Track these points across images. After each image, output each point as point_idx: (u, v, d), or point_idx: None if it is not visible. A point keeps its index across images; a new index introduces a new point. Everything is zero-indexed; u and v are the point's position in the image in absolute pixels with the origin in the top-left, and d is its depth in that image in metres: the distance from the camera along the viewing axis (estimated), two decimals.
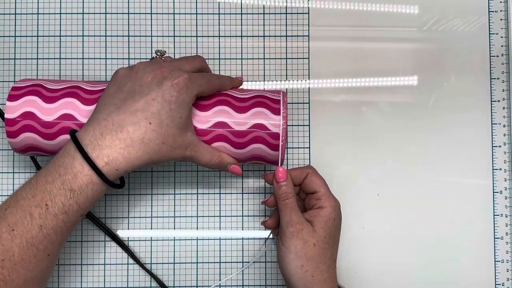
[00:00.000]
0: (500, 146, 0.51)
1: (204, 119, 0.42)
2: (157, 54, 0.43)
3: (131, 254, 0.49)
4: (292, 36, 0.51)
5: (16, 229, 0.35)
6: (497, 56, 0.51)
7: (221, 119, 0.42)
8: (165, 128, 0.38)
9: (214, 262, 0.50)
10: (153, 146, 0.38)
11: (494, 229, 0.51)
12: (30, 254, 0.36)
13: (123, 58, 0.51)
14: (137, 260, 0.49)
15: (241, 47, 0.51)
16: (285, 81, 0.51)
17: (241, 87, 0.47)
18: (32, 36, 0.51)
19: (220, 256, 0.50)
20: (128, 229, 0.50)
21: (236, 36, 0.51)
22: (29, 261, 0.36)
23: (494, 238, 0.51)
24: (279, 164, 0.43)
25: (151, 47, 0.51)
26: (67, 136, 0.41)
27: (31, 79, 0.44)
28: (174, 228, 0.51)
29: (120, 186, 0.39)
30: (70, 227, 0.37)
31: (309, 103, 0.51)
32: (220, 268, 0.50)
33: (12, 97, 0.41)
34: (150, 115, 0.37)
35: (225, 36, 0.51)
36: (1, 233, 0.35)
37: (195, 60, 0.43)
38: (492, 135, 0.51)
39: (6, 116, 0.41)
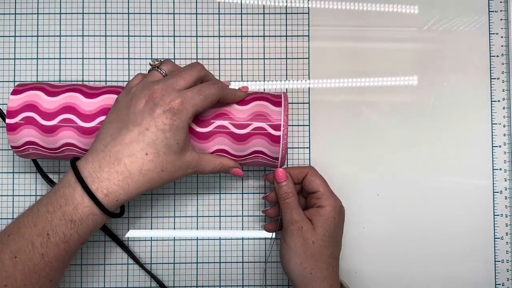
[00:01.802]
0: (500, 146, 0.51)
1: (205, 124, 0.42)
2: (153, 67, 0.41)
3: (131, 254, 0.49)
4: (292, 36, 0.51)
5: (18, 256, 0.36)
6: (497, 56, 0.51)
7: (221, 122, 0.42)
8: (162, 156, 0.38)
9: (214, 262, 0.50)
10: (152, 175, 0.38)
11: (494, 229, 0.51)
12: (32, 281, 0.36)
13: (123, 58, 0.51)
14: (136, 260, 0.49)
15: (241, 47, 0.51)
16: (285, 81, 0.51)
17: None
18: (32, 36, 0.51)
19: (220, 256, 0.50)
20: (128, 229, 0.50)
21: (236, 36, 0.51)
22: (32, 287, 0.36)
23: (494, 238, 0.51)
24: (279, 166, 0.44)
25: (151, 47, 0.51)
26: (68, 137, 0.42)
27: (29, 85, 0.44)
28: (174, 228, 0.51)
29: (120, 215, 0.40)
30: (72, 254, 0.38)
31: (309, 103, 0.51)
32: (220, 268, 0.50)
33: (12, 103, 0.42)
34: (145, 146, 0.37)
35: (225, 36, 0.51)
36: (4, 259, 0.36)
37: (192, 72, 0.40)
38: (492, 135, 0.51)
39: (8, 107, 0.42)
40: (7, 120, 0.42)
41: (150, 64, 0.41)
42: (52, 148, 0.43)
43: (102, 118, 0.42)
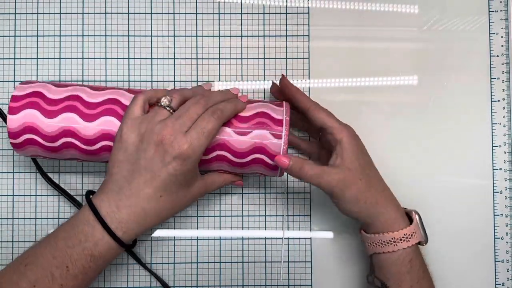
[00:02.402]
0: (500, 146, 0.51)
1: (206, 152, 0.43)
2: (162, 104, 0.41)
3: (133, 254, 0.49)
4: (292, 36, 0.51)
5: (37, 286, 0.38)
6: (497, 56, 0.51)
7: (221, 152, 0.43)
8: (175, 195, 0.41)
9: (214, 262, 0.50)
10: (166, 212, 0.42)
11: (494, 229, 0.51)
12: None
13: (123, 58, 0.51)
14: (139, 261, 0.49)
15: (241, 47, 0.51)
16: None
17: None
18: (32, 36, 0.51)
19: (220, 256, 0.50)
20: None
21: (236, 36, 0.51)
22: None
23: (494, 238, 0.51)
24: (279, 175, 0.44)
25: (151, 47, 0.51)
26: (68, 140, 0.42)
27: (31, 83, 0.43)
28: (175, 228, 0.50)
29: (133, 246, 0.44)
30: (89, 282, 0.41)
31: None
32: (220, 268, 0.50)
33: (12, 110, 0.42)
34: (159, 189, 0.40)
35: (225, 36, 0.51)
36: None
37: (198, 107, 0.41)
38: (492, 135, 0.51)
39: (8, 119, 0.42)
40: (11, 140, 0.42)
41: (160, 105, 0.41)
42: (57, 158, 0.44)
43: (105, 143, 0.42)
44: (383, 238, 0.42)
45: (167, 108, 0.41)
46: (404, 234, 0.42)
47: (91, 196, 0.41)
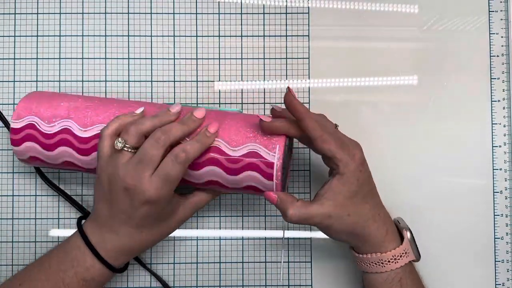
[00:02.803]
0: (500, 146, 0.51)
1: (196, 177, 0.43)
2: (118, 147, 0.39)
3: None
4: (292, 36, 0.51)
5: None
6: (497, 56, 0.51)
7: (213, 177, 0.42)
8: (157, 227, 0.42)
9: (214, 262, 0.50)
10: (152, 242, 0.43)
11: (494, 229, 0.51)
12: None
13: (123, 58, 0.51)
14: (140, 261, 0.49)
15: (241, 47, 0.51)
16: (285, 81, 0.51)
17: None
18: (32, 36, 0.51)
19: (220, 256, 0.50)
20: None
21: (236, 36, 0.51)
22: None
23: (494, 238, 0.51)
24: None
25: (151, 47, 0.51)
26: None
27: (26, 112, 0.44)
28: None
29: (125, 269, 0.45)
30: None
31: (309, 103, 0.51)
32: (220, 268, 0.50)
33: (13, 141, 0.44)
34: (138, 227, 0.41)
35: (225, 36, 0.51)
36: None
37: (157, 149, 0.39)
38: (492, 135, 0.51)
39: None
40: (16, 156, 0.44)
41: (116, 148, 0.39)
42: (54, 164, 0.45)
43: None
44: (371, 259, 0.42)
45: (125, 150, 0.39)
46: (393, 256, 0.41)
47: (82, 221, 0.43)
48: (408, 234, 0.43)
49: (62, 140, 0.42)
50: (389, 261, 0.41)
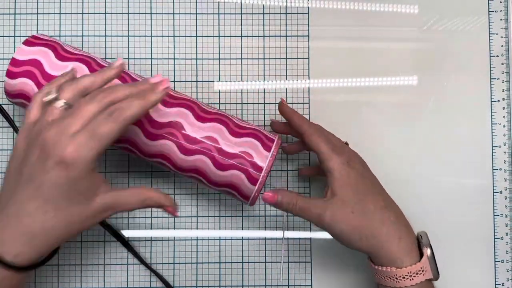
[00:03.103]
0: (500, 146, 0.51)
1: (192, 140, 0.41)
2: (46, 100, 0.35)
3: (136, 254, 0.49)
4: (292, 36, 0.51)
5: None
6: (497, 56, 0.51)
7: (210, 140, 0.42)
8: (65, 211, 0.34)
9: (214, 262, 0.50)
10: (58, 231, 0.34)
11: (494, 229, 0.51)
12: None
13: (123, 58, 0.51)
14: (141, 260, 0.49)
15: (241, 47, 0.51)
16: (285, 81, 0.51)
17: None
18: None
19: (220, 256, 0.50)
20: (128, 229, 0.50)
21: (236, 36, 0.51)
22: None
23: (494, 238, 0.51)
24: (250, 203, 0.43)
25: (151, 47, 0.51)
26: None
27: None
28: (174, 228, 0.50)
29: (45, 261, 0.37)
30: None
31: (309, 103, 0.51)
32: (220, 268, 0.50)
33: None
34: (43, 203, 0.33)
35: (225, 36, 0.51)
36: None
37: (92, 105, 0.34)
38: (492, 135, 0.51)
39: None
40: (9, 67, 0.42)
41: (44, 100, 0.35)
42: None
43: None
44: (385, 273, 0.40)
45: (56, 104, 0.34)
46: (408, 272, 0.39)
47: None
48: (429, 252, 0.40)
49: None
50: (404, 277, 0.39)
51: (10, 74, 0.42)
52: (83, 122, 0.33)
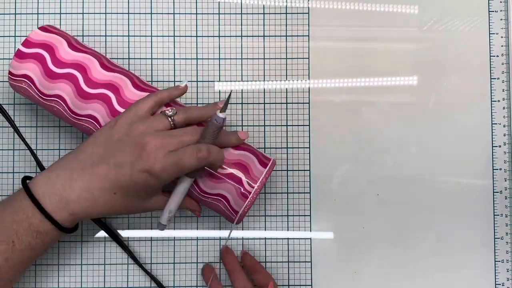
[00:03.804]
0: (500, 146, 0.51)
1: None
2: (166, 114, 0.41)
3: (130, 253, 0.49)
4: (292, 36, 0.51)
5: None
6: (497, 56, 0.51)
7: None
8: (129, 199, 0.40)
9: (214, 262, 0.50)
10: (116, 209, 0.40)
11: (494, 229, 0.51)
12: None
13: (123, 58, 0.51)
14: (136, 260, 0.49)
15: (241, 47, 0.51)
16: (285, 81, 0.51)
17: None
18: None
19: (220, 256, 0.50)
20: (128, 229, 0.50)
21: (236, 36, 0.51)
22: None
23: (494, 238, 0.51)
24: (236, 221, 0.43)
25: (151, 47, 0.51)
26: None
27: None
28: (174, 228, 0.50)
29: (75, 229, 0.42)
30: (35, 258, 0.40)
31: (309, 103, 0.51)
32: (220, 268, 0.50)
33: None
34: (116, 187, 0.39)
35: (225, 36, 0.51)
36: None
37: (193, 137, 0.40)
38: (492, 135, 0.51)
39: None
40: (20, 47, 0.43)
41: (164, 114, 0.41)
42: (44, 93, 0.43)
43: (104, 91, 0.42)
44: None
45: (169, 119, 0.40)
46: None
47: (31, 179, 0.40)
48: None
49: (69, 75, 0.42)
50: None
51: (20, 55, 0.42)
52: (179, 146, 0.39)
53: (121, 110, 0.42)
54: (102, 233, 0.50)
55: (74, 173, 0.39)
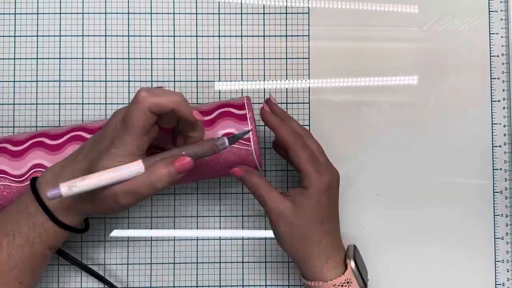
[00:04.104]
0: (500, 146, 0.51)
1: None
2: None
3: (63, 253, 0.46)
4: (292, 36, 0.51)
5: None
6: (497, 56, 0.51)
7: None
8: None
9: (214, 262, 0.50)
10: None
11: (494, 229, 0.51)
12: (1, 282, 0.37)
13: (123, 58, 0.51)
14: (72, 260, 0.46)
15: (241, 47, 0.51)
16: (285, 81, 0.51)
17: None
18: (32, 36, 0.51)
19: (220, 256, 0.50)
20: (128, 229, 0.50)
21: (236, 36, 0.51)
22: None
23: (494, 238, 0.51)
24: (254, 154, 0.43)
25: (151, 47, 0.51)
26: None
27: None
28: (174, 228, 0.50)
29: (81, 230, 0.41)
30: (40, 259, 0.39)
31: (309, 103, 0.51)
32: (220, 268, 0.50)
33: None
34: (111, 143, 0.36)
35: (225, 36, 0.51)
36: None
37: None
38: (492, 135, 0.51)
39: None
40: None
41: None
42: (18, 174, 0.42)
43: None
44: (312, 287, 0.42)
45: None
46: (334, 285, 0.41)
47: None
48: (352, 264, 0.42)
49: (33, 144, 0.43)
50: None
51: None
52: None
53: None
54: (102, 233, 0.50)
55: (76, 157, 0.38)
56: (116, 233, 0.50)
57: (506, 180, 0.51)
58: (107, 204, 0.36)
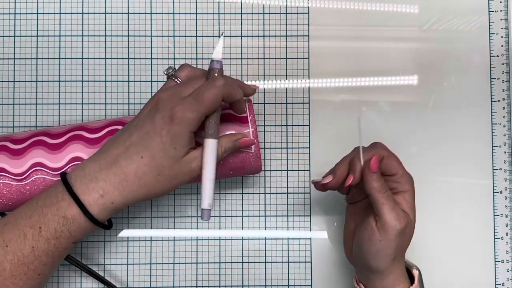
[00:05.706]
0: (500, 146, 0.51)
1: None
2: (166, 73, 0.41)
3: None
4: (292, 36, 0.51)
5: (9, 245, 0.37)
6: (497, 56, 0.51)
7: None
8: (158, 161, 0.37)
9: (214, 262, 0.50)
10: (148, 179, 0.37)
11: (494, 229, 0.51)
12: (20, 272, 0.37)
13: (122, 58, 0.51)
14: (76, 263, 0.46)
15: (241, 47, 0.51)
16: (285, 81, 0.51)
17: None
18: (31, 36, 0.51)
19: (220, 256, 0.50)
20: (128, 229, 0.50)
21: (236, 36, 0.51)
22: (19, 278, 0.37)
23: (494, 238, 0.51)
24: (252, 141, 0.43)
25: (151, 47, 0.51)
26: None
27: None
28: (174, 228, 0.50)
29: (107, 227, 0.40)
30: (62, 252, 0.39)
31: (309, 103, 0.51)
32: (220, 268, 0.50)
33: None
34: (142, 149, 0.37)
35: (225, 36, 0.51)
36: None
37: (201, 80, 0.39)
38: (492, 135, 0.51)
39: None
40: None
41: (165, 73, 0.41)
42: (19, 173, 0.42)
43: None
44: None
45: (175, 80, 0.40)
46: None
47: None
48: (417, 273, 0.42)
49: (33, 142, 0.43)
50: None
51: None
52: (193, 90, 0.38)
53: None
54: (102, 233, 0.50)
55: (102, 153, 0.38)
56: (116, 233, 0.50)
57: (506, 180, 0.51)
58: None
